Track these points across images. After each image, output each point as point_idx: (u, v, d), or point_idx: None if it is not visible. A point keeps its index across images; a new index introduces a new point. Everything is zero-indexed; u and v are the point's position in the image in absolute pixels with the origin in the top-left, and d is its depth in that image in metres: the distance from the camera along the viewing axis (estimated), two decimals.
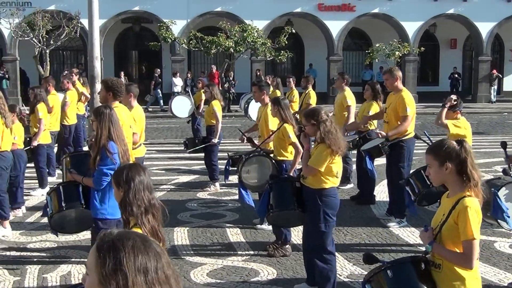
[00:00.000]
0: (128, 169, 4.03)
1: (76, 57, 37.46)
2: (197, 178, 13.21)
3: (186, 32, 32.02)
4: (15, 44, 31.65)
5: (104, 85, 7.74)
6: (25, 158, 10.21)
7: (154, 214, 3.91)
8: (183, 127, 22.53)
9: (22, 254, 8.25)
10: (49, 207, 6.69)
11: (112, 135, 6.08)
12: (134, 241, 2.14)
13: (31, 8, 30.22)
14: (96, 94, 17.90)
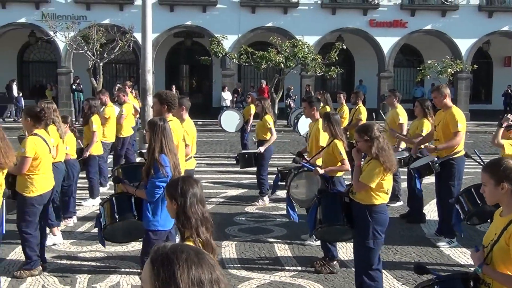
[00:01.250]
0: (181, 182, 4.04)
1: (128, 70, 38.05)
2: (246, 192, 13.23)
3: (237, 47, 32.24)
4: (69, 57, 32.33)
5: (158, 98, 7.82)
6: (77, 168, 10.39)
7: (207, 226, 3.92)
8: (232, 141, 22.64)
9: (72, 263, 8.36)
10: (102, 217, 6.78)
11: (164, 148, 6.14)
12: (187, 254, 2.14)
13: (86, 22, 30.89)
14: (147, 106, 18.20)
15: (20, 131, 17.63)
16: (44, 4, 32.31)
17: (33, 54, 37.20)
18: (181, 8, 33.07)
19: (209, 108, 33.99)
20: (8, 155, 6.32)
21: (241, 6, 33.10)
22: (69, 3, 32.52)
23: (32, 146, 7.48)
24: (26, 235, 7.66)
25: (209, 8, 33.22)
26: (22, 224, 7.67)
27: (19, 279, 7.63)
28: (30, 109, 7.90)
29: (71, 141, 10.03)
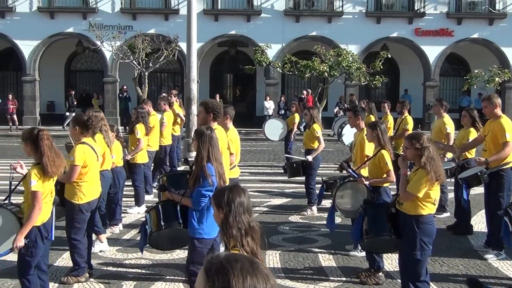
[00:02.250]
0: (229, 191, 4.03)
1: (173, 79, 38.41)
2: (290, 201, 13.19)
3: (280, 56, 32.27)
4: (116, 66, 32.81)
5: (205, 106, 7.84)
6: (124, 176, 10.50)
7: (253, 236, 3.90)
8: (275, 150, 22.65)
9: (118, 270, 8.44)
10: (148, 225, 6.83)
11: (211, 157, 6.16)
12: (242, 263, 2.15)
13: (132, 32, 31.33)
14: (192, 115, 18.32)
15: (67, 139, 17.93)
16: (92, 14, 32.91)
17: (80, 63, 37.86)
18: (226, 17, 33.30)
19: (252, 117, 34.08)
20: (56, 164, 6.40)
21: (285, 15, 33.16)
22: (116, 13, 33.04)
23: (81, 155, 7.59)
24: (74, 242, 7.77)
25: (254, 18, 33.37)
26: (71, 231, 7.78)
27: (67, 285, 7.73)
28: (78, 118, 8.03)
29: (118, 149, 10.15)
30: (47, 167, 6.27)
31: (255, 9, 33.52)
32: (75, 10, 33.30)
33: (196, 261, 6.41)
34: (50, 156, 6.33)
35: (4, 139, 27.02)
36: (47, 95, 35.29)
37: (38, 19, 32.78)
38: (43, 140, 6.39)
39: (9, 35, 33.03)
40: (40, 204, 6.25)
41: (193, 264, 6.41)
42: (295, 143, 19.25)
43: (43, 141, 6.38)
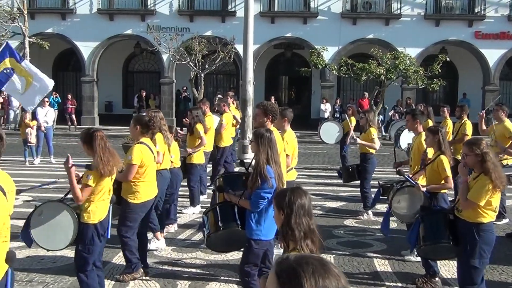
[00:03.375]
0: (290, 193, 4.00)
1: (228, 81, 38.62)
2: (345, 205, 13.09)
3: (337, 58, 32.11)
4: (172, 68, 33.19)
5: (263, 109, 7.84)
6: (180, 177, 10.58)
7: (313, 239, 3.87)
8: (330, 153, 22.53)
9: (173, 269, 8.51)
10: (206, 226, 6.86)
11: (270, 159, 6.16)
12: (313, 265, 2.14)
13: (189, 34, 31.65)
14: (247, 117, 18.37)
15: (124, 139, 18.21)
16: (150, 17, 33.37)
17: (138, 65, 38.43)
18: (282, 20, 33.31)
19: (307, 120, 33.98)
20: (111, 163, 6.50)
21: (342, 17, 32.98)
22: (173, 15, 33.42)
23: (138, 154, 7.69)
24: (125, 239, 7.85)
25: (310, 20, 33.29)
26: (122, 229, 7.86)
27: (122, 283, 7.83)
28: (139, 118, 8.13)
29: (176, 150, 10.24)
30: (100, 167, 6.38)
31: (312, 11, 33.44)
32: (133, 12, 33.83)
33: (251, 262, 6.41)
34: (103, 156, 6.44)
35: (63, 138, 27.60)
36: (105, 95, 35.94)
37: (97, 21, 33.43)
38: (97, 140, 6.51)
39: (69, 36, 33.77)
40: (80, 196, 6.36)
41: (248, 264, 6.42)
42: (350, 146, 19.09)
43: (97, 141, 6.51)
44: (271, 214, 6.26)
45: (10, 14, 29.85)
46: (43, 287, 7.69)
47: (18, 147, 19.26)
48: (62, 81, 38.09)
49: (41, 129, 19.19)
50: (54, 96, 31.07)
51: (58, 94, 32.56)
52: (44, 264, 8.49)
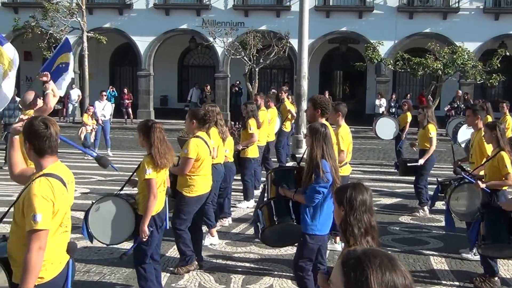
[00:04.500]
0: (351, 189, 3.94)
1: (283, 75, 38.56)
2: (400, 201, 12.92)
3: (392, 53, 31.70)
4: (227, 62, 33.31)
5: (312, 102, 7.80)
6: (234, 171, 10.61)
7: (373, 236, 3.82)
8: (385, 148, 22.29)
9: (227, 263, 8.54)
10: (260, 221, 6.86)
11: (325, 154, 6.11)
12: (381, 259, 2.13)
13: (243, 28, 31.73)
14: (301, 111, 18.31)
15: (179, 133, 18.38)
16: (205, 11, 33.56)
17: (193, 59, 38.72)
18: (337, 14, 33.07)
19: (362, 115, 33.66)
20: (167, 156, 6.55)
21: (399, 11, 32.53)
22: (228, 10, 33.53)
23: (194, 148, 7.73)
24: (179, 232, 7.91)
25: (366, 14, 32.96)
26: (176, 221, 7.92)
27: (177, 275, 7.89)
28: (195, 112, 8.17)
29: (231, 144, 10.26)
30: (156, 159, 6.43)
31: (368, 5, 33.10)
32: (189, 7, 34.08)
33: (306, 257, 6.38)
34: (160, 148, 6.49)
35: (119, 131, 28.03)
36: (160, 89, 36.32)
37: (154, 16, 33.78)
38: (155, 132, 6.57)
39: (126, 31, 34.23)
40: (155, 192, 6.43)
41: (302, 259, 6.39)
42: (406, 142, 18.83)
43: (155, 133, 6.56)
44: (326, 209, 6.22)
45: (69, 9, 30.47)
46: (100, 278, 7.81)
47: (77, 140, 19.63)
48: (119, 75, 38.75)
49: (99, 123, 19.52)
50: (111, 90, 31.56)
51: (114, 88, 33.06)
52: (101, 255, 8.64)
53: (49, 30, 30.48)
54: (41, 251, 3.95)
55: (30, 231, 3.94)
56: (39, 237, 3.94)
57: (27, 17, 31.77)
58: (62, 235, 4.23)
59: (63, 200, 4.13)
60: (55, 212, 4.05)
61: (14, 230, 4.16)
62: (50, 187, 4.03)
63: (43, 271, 4.09)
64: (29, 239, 3.93)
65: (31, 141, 4.22)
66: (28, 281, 3.93)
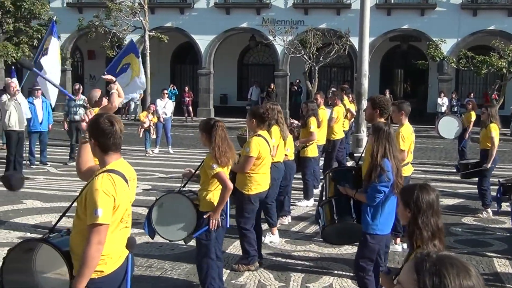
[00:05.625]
0: (418, 190, 3.87)
1: (342, 74, 38.32)
2: (462, 202, 12.69)
3: (455, 51, 31.12)
4: (286, 61, 33.29)
5: (371, 102, 7.74)
6: (294, 169, 10.61)
7: (441, 238, 3.75)
8: (447, 148, 21.91)
9: (287, 261, 8.55)
10: (321, 219, 6.85)
11: (387, 153, 6.07)
12: (457, 267, 2.12)
13: (303, 27, 31.67)
14: (362, 110, 18.17)
15: (239, 131, 18.49)
16: (265, 10, 33.64)
17: (253, 57, 38.86)
18: (399, 11, 32.67)
19: (423, 114, 33.14)
20: (227, 155, 6.60)
21: (462, 8, 31.92)
22: (288, 8, 33.52)
23: (256, 146, 7.77)
24: (244, 231, 7.97)
25: (428, 12, 32.46)
26: (240, 220, 7.98)
27: (237, 272, 7.95)
28: (255, 111, 8.20)
29: (291, 143, 10.26)
30: (217, 157, 6.48)
31: (430, 2, 32.57)
32: (249, 6, 34.22)
33: (367, 256, 6.35)
34: (221, 146, 6.54)
35: (180, 129, 28.36)
36: (220, 87, 36.58)
37: (214, 15, 34.05)
38: (217, 130, 6.62)
39: (187, 30, 34.60)
40: (228, 183, 6.52)
41: (363, 259, 6.36)
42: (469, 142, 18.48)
43: (217, 131, 6.61)
44: (387, 208, 6.18)
45: (131, 9, 30.99)
46: (161, 273, 7.94)
47: (137, 138, 19.94)
48: (180, 74, 39.20)
49: (160, 120, 19.80)
50: (172, 88, 31.96)
51: (175, 86, 33.48)
52: (162, 251, 8.77)
53: (112, 29, 31.08)
54: (100, 245, 4.04)
55: (91, 225, 4.03)
56: (99, 231, 4.03)
57: (91, 17, 32.47)
58: (122, 230, 4.31)
59: (124, 197, 4.22)
60: (116, 208, 4.13)
61: (76, 224, 4.26)
62: (112, 183, 4.12)
63: (103, 265, 4.18)
64: (89, 232, 4.03)
65: (96, 138, 4.31)
66: (84, 273, 4.02)
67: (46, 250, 4.38)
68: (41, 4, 31.05)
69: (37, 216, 10.70)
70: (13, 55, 29.96)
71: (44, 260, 4.42)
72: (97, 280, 4.16)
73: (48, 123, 16.48)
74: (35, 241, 4.63)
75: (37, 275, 4.45)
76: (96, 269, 4.14)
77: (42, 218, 10.57)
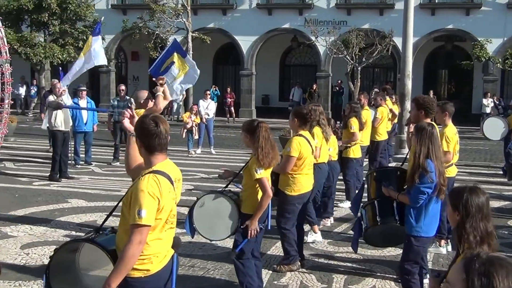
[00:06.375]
0: (468, 193, 3.78)
1: (385, 74, 38.01)
2: (508, 204, 12.47)
3: (501, 51, 30.60)
4: (329, 61, 33.17)
5: (415, 103, 7.68)
6: (338, 170, 10.57)
7: (490, 243, 3.67)
8: (493, 150, 21.56)
9: (329, 263, 8.52)
10: (363, 220, 6.80)
11: (430, 154, 6.00)
12: (507, 268, 2.09)
13: (346, 27, 31.51)
14: (405, 111, 17.99)
15: (281, 131, 18.48)
16: (307, 10, 33.57)
17: (294, 58, 38.82)
18: (443, 11, 32.28)
19: (468, 115, 32.65)
20: (270, 156, 6.60)
21: (508, 8, 31.37)
22: (331, 8, 33.40)
23: (297, 146, 7.75)
24: (284, 231, 7.96)
25: (473, 11, 31.98)
26: (281, 220, 7.98)
27: (279, 273, 7.94)
28: (298, 111, 8.20)
29: (334, 143, 10.23)
30: (261, 158, 6.48)
31: (475, 1, 32.08)
32: (292, 6, 34.20)
33: (412, 259, 6.29)
34: (264, 148, 6.54)
35: (222, 130, 28.49)
36: (262, 88, 36.61)
37: (256, 16, 34.13)
38: (261, 131, 6.62)
39: (229, 31, 34.76)
40: (269, 190, 6.51)
41: (408, 262, 6.30)
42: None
43: (261, 132, 6.61)
44: (431, 210, 6.11)
45: (175, 10, 31.26)
46: (204, 272, 7.98)
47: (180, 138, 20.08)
48: (222, 75, 39.35)
49: (203, 121, 19.92)
50: (214, 89, 32.11)
51: (217, 87, 33.63)
52: (205, 251, 8.82)
53: (155, 30, 31.41)
54: (140, 245, 4.07)
55: (133, 224, 4.06)
56: (141, 232, 4.06)
57: (135, 18, 32.88)
58: (167, 231, 4.34)
59: (169, 198, 4.24)
60: (160, 209, 4.15)
61: (122, 223, 4.30)
62: (157, 184, 4.14)
63: (149, 264, 4.22)
64: (131, 232, 4.06)
65: (141, 138, 4.35)
66: (121, 269, 4.06)
67: (91, 249, 4.45)
68: (86, 6, 31.62)
69: (82, 215, 10.87)
70: (59, 57, 30.52)
71: (89, 259, 4.50)
72: (143, 279, 4.21)
73: (92, 123, 16.72)
74: (80, 241, 4.70)
75: (82, 273, 4.52)
76: (142, 268, 4.20)
77: (87, 217, 10.73)
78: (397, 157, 17.14)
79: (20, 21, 31.88)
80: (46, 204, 11.70)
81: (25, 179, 14.26)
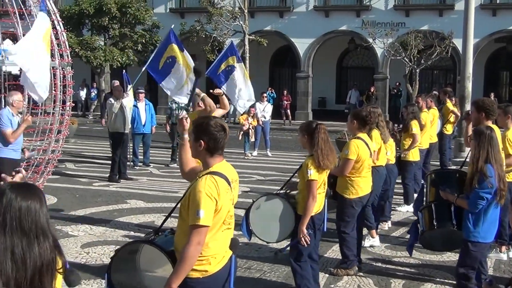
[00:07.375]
0: None
1: (444, 77, 37.38)
2: None
3: None
4: (386, 63, 32.82)
5: (475, 105, 7.56)
6: (395, 173, 10.44)
7: None
8: None
9: (387, 267, 8.41)
10: (420, 224, 6.70)
11: (490, 158, 5.87)
12: None
13: (404, 28, 31.12)
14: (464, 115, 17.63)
15: (338, 134, 18.37)
16: (365, 12, 33.31)
17: (352, 60, 38.57)
18: (505, 12, 31.56)
19: None
20: (329, 157, 6.56)
21: None
22: (389, 10, 33.05)
23: (355, 149, 7.69)
24: (344, 235, 7.89)
25: None
26: (340, 224, 7.92)
27: (336, 277, 7.88)
28: (357, 113, 8.13)
29: (392, 146, 10.10)
30: (319, 160, 6.45)
31: None
32: (349, 8, 34.00)
33: (468, 265, 6.17)
34: (323, 149, 6.50)
35: (278, 132, 28.49)
36: (318, 91, 36.48)
37: (313, 18, 34.02)
38: (320, 133, 6.58)
39: (286, 33, 34.75)
40: (315, 193, 6.46)
41: (465, 267, 6.18)
42: None
43: (320, 134, 6.58)
44: (490, 216, 5.97)
45: (232, 13, 31.44)
46: (260, 275, 7.98)
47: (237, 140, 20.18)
48: (278, 77, 39.38)
49: (259, 123, 19.96)
50: (270, 91, 32.14)
51: (273, 89, 33.65)
52: (261, 253, 8.82)
53: (213, 33, 31.64)
54: (199, 246, 4.10)
55: (192, 225, 4.10)
56: (199, 233, 4.09)
57: (192, 22, 33.18)
58: (225, 232, 4.36)
59: (227, 199, 4.26)
60: (218, 210, 4.18)
61: (180, 224, 4.34)
62: (215, 185, 4.16)
63: (207, 265, 4.25)
64: (190, 233, 4.10)
65: (206, 140, 4.36)
66: (180, 270, 4.10)
67: (150, 250, 4.51)
68: (145, 10, 32.09)
69: (140, 216, 11.02)
70: (118, 60, 31.08)
71: (148, 260, 4.56)
72: (201, 279, 4.24)
73: (151, 125, 16.93)
74: (140, 242, 4.77)
75: (142, 274, 4.59)
76: (201, 269, 4.23)
77: (145, 218, 10.87)
78: (456, 160, 16.82)
79: (81, 25, 32.62)
80: (105, 205, 11.91)
81: (85, 180, 14.56)
